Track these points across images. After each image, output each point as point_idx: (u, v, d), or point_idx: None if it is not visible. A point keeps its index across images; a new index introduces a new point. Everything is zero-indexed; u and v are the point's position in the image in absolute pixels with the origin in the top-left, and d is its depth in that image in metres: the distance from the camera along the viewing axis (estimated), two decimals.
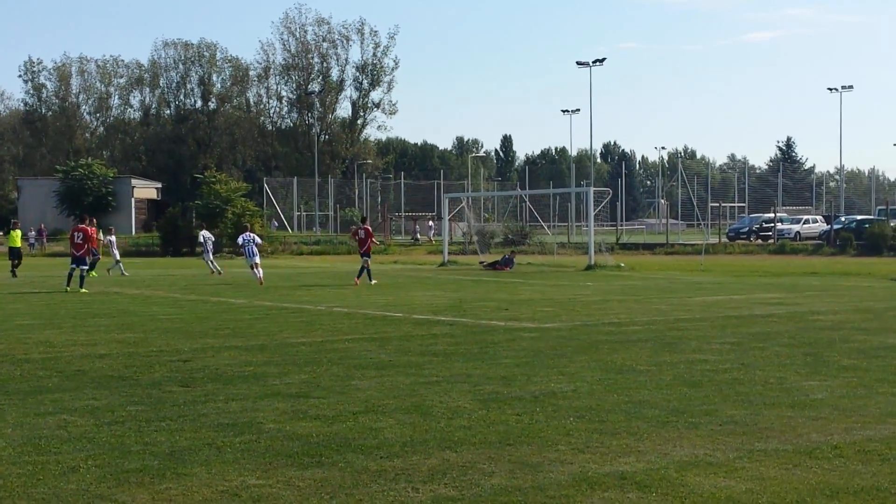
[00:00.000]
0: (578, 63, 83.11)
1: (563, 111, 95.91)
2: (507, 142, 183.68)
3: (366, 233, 31.99)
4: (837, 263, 42.92)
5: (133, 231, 79.99)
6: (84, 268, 28.48)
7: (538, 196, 79.54)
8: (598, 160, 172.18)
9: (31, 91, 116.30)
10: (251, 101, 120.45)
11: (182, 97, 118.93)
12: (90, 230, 38.02)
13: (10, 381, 11.58)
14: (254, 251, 32.64)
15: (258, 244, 33.56)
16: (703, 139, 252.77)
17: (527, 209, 73.14)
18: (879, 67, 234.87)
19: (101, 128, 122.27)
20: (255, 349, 14.52)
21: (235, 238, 42.98)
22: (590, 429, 8.86)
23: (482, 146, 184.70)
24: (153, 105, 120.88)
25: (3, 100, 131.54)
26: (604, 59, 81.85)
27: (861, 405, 9.99)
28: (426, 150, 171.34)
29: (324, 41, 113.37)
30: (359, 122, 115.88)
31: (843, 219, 63.68)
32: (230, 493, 6.89)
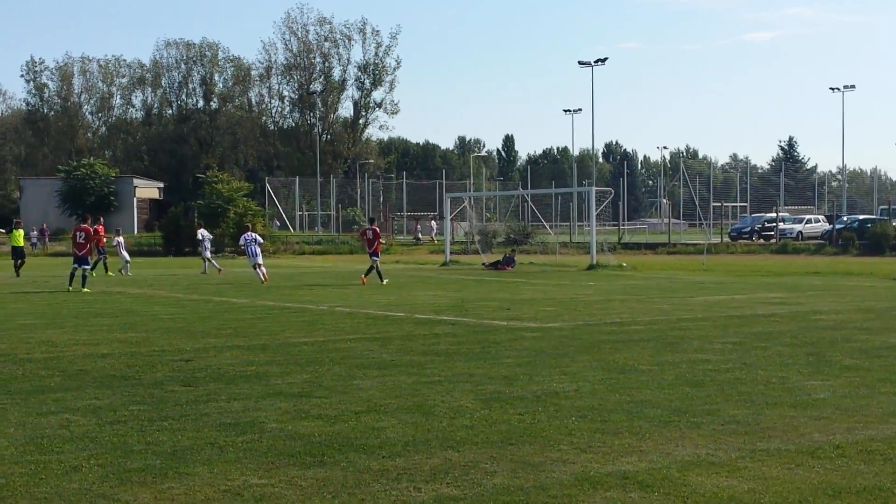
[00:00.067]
0: (580, 63, 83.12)
1: (565, 111, 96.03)
2: (509, 141, 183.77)
3: (374, 233, 32.03)
4: (839, 263, 42.90)
5: (135, 231, 79.97)
6: (86, 267, 28.47)
7: (540, 196, 79.52)
8: (600, 160, 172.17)
9: (34, 91, 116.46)
10: (253, 101, 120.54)
11: (184, 97, 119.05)
12: (98, 229, 38.16)
13: (13, 381, 11.59)
14: (256, 251, 32.67)
15: (260, 244, 33.59)
16: (705, 139, 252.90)
17: (529, 209, 73.06)
18: (881, 67, 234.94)
19: (104, 127, 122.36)
20: (258, 349, 14.52)
21: (237, 238, 43.09)
22: (592, 428, 8.86)
23: (484, 146, 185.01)
24: (155, 105, 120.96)
25: (6, 99, 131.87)
26: (606, 59, 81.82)
27: (863, 405, 9.99)
28: (428, 150, 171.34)
29: (326, 41, 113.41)
30: (361, 122, 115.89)
31: (846, 218, 63.67)
32: (232, 493, 6.89)
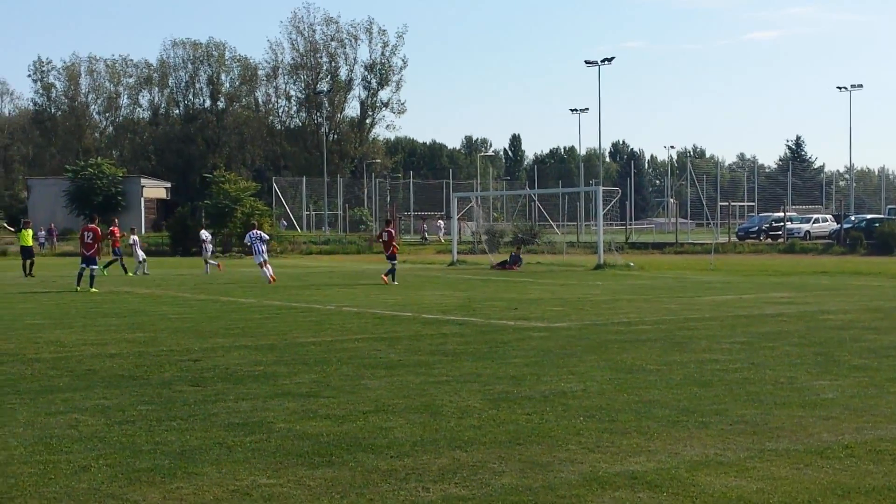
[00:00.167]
0: (587, 62, 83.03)
1: (572, 110, 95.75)
2: (516, 141, 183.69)
3: (388, 236, 32.01)
4: (847, 263, 42.83)
5: (143, 230, 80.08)
6: (94, 267, 28.48)
7: (547, 195, 79.50)
8: (607, 159, 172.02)
9: (41, 91, 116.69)
10: (260, 101, 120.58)
11: (191, 97, 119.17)
12: (113, 230, 38.36)
13: (21, 381, 11.62)
14: (261, 249, 32.65)
15: (265, 240, 33.59)
16: (712, 138, 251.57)
17: (536, 208, 73.08)
18: (888, 66, 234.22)
19: (111, 127, 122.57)
20: (265, 349, 14.53)
21: (244, 238, 43.15)
22: (600, 428, 8.85)
23: (491, 145, 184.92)
24: (162, 104, 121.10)
25: (13, 99, 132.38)
26: (612, 58, 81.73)
27: (872, 405, 9.97)
28: (435, 150, 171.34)
29: (332, 40, 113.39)
30: (367, 122, 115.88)
31: (853, 218, 63.52)
32: (241, 493, 6.90)
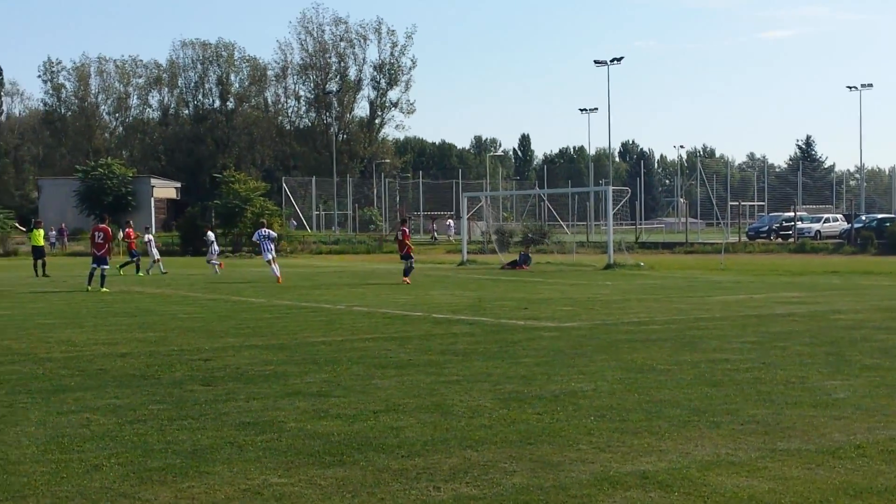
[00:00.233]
0: (596, 62, 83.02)
1: (581, 110, 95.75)
2: (525, 141, 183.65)
3: (402, 234, 32.19)
4: (858, 262, 42.73)
5: (153, 230, 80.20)
6: (105, 267, 28.48)
7: (557, 195, 79.50)
8: (617, 159, 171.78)
9: (51, 91, 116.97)
10: (269, 101, 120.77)
11: (200, 97, 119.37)
12: (128, 232, 38.55)
13: (33, 380, 11.65)
14: (269, 247, 32.74)
15: (273, 239, 33.66)
16: (722, 138, 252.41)
17: (545, 208, 73.02)
18: None
19: (121, 128, 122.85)
20: (276, 348, 14.55)
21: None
22: (611, 428, 8.84)
23: (500, 145, 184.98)
24: (172, 105, 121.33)
25: (23, 100, 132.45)
26: (621, 58, 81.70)
27: (884, 404, 9.94)
28: (444, 150, 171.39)
29: (341, 41, 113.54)
30: (376, 122, 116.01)
31: (864, 217, 63.33)
32: (252, 492, 6.91)
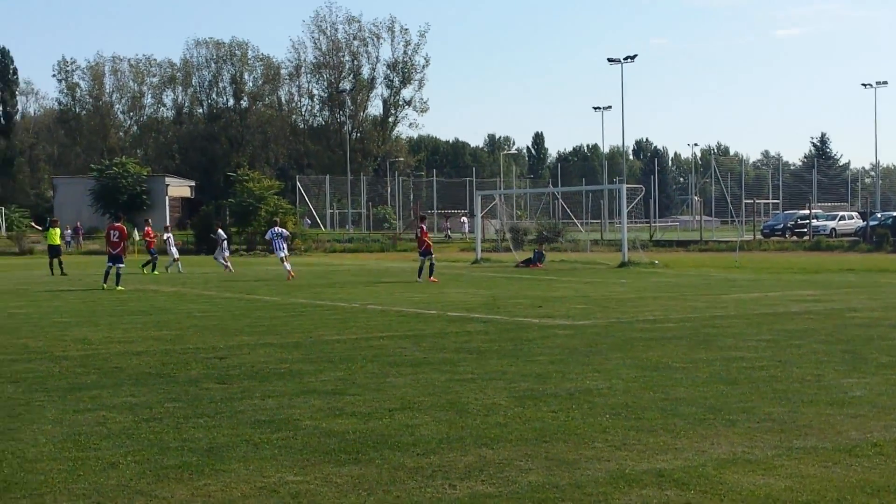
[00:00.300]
0: (609, 60, 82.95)
1: (595, 108, 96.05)
2: (539, 139, 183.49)
3: (420, 232, 32.36)
4: (874, 260, 42.53)
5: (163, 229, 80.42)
6: (121, 266, 28.52)
7: (570, 193, 79.36)
8: (631, 157, 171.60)
9: (66, 90, 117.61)
10: (283, 100, 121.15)
11: (214, 96, 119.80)
12: (147, 230, 38.74)
13: (50, 378, 11.69)
14: (281, 245, 32.86)
15: (285, 237, 33.77)
16: (737, 135, 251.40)
17: (559, 206, 72.96)
18: None
19: (135, 127, 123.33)
20: (291, 346, 14.57)
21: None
22: (626, 426, 8.83)
23: (514, 143, 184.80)
24: (186, 104, 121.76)
25: (38, 99, 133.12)
26: (635, 56, 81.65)
27: None
28: (458, 148, 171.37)
29: (354, 39, 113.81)
30: (390, 120, 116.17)
31: (879, 215, 63.01)
32: (268, 490, 6.92)
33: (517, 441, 8.28)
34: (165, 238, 40.02)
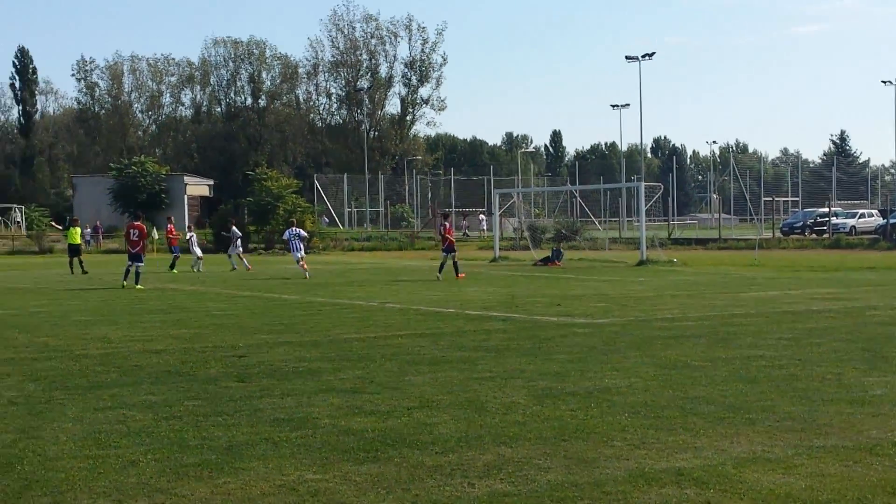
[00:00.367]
0: (627, 58, 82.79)
1: (613, 106, 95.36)
2: (557, 137, 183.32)
3: (444, 229, 32.49)
4: (894, 258, 42.29)
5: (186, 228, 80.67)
6: (140, 265, 28.62)
7: (589, 191, 79.25)
8: (649, 155, 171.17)
9: (84, 90, 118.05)
10: (301, 99, 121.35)
11: (232, 95, 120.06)
12: (170, 228, 38.96)
13: (70, 377, 11.75)
14: (298, 246, 32.98)
15: (302, 237, 33.87)
16: (755, 133, 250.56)
17: (577, 204, 72.85)
18: None
19: (153, 126, 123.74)
20: (309, 345, 14.60)
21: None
22: (645, 425, 8.81)
23: (531, 142, 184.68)
24: (204, 103, 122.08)
25: (57, 98, 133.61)
26: (653, 54, 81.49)
27: None
28: (475, 146, 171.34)
29: (372, 38, 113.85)
30: (408, 119, 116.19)
31: None
32: (287, 488, 6.94)
33: (536, 440, 8.27)
34: (189, 237, 40.15)
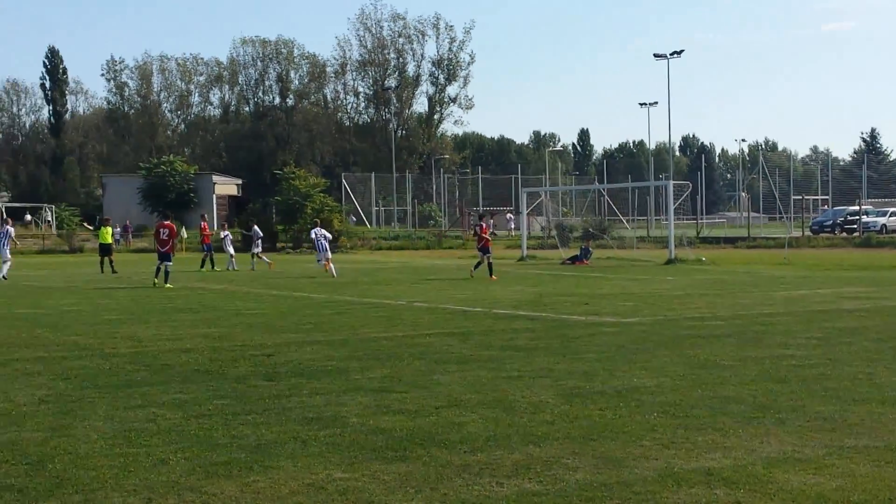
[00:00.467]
0: (655, 55, 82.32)
1: (641, 104, 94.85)
2: (585, 135, 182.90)
3: (480, 229, 32.56)
4: None
5: (214, 227, 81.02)
6: (169, 263, 28.77)
7: (617, 190, 79.01)
8: (677, 153, 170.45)
9: (114, 90, 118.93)
10: (328, 98, 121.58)
11: (261, 94, 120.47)
12: (203, 226, 39.27)
13: (100, 375, 11.83)
14: (324, 246, 33.07)
15: (328, 238, 33.98)
16: (785, 131, 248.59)
17: (605, 203, 72.68)
18: None
19: (182, 125, 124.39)
20: (338, 344, 14.63)
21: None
22: (674, 424, 8.77)
23: (559, 140, 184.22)
24: (232, 102, 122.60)
25: (87, 98, 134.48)
26: (681, 51, 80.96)
27: None
28: (503, 145, 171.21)
29: (399, 37, 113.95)
30: (435, 118, 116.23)
31: None
32: (316, 487, 6.95)
33: (564, 439, 8.25)
34: (223, 236, 40.35)
